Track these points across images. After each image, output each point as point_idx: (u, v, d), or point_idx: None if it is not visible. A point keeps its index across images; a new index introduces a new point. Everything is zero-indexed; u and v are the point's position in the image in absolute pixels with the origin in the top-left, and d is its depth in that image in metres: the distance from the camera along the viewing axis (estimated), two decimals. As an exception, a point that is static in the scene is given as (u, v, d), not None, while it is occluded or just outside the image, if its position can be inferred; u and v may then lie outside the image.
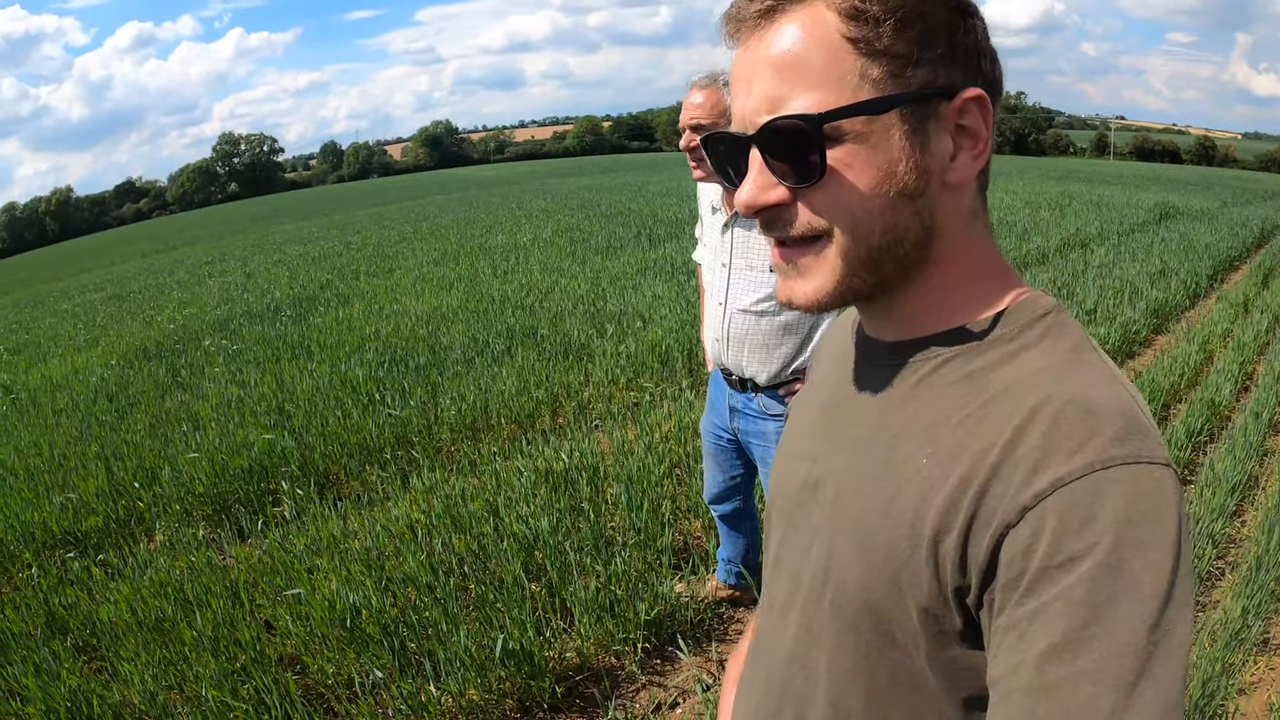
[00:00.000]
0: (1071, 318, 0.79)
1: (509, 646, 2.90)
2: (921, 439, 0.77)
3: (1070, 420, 0.67)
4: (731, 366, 2.69)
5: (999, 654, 0.66)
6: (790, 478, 0.95)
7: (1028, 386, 0.71)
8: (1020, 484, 0.66)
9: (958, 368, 0.78)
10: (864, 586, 0.78)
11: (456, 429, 5.44)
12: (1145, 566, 0.61)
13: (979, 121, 0.75)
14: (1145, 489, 0.64)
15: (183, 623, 3.20)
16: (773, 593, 0.96)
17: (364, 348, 7.83)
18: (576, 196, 27.24)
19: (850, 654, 0.82)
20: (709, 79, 2.51)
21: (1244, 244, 13.54)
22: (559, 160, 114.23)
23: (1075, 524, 0.63)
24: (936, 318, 0.81)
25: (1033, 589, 0.63)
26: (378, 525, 3.91)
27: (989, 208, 0.84)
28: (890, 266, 0.78)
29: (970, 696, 0.76)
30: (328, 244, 20.62)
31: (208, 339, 9.51)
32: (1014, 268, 0.84)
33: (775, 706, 0.92)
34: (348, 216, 32.31)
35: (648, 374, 6.31)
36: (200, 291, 14.86)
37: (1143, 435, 0.67)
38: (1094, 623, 0.60)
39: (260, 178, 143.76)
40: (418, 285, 11.53)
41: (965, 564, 0.70)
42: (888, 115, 0.72)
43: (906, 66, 0.72)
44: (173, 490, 4.71)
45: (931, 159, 0.75)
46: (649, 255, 12.17)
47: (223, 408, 6.33)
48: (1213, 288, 10.07)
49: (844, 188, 0.74)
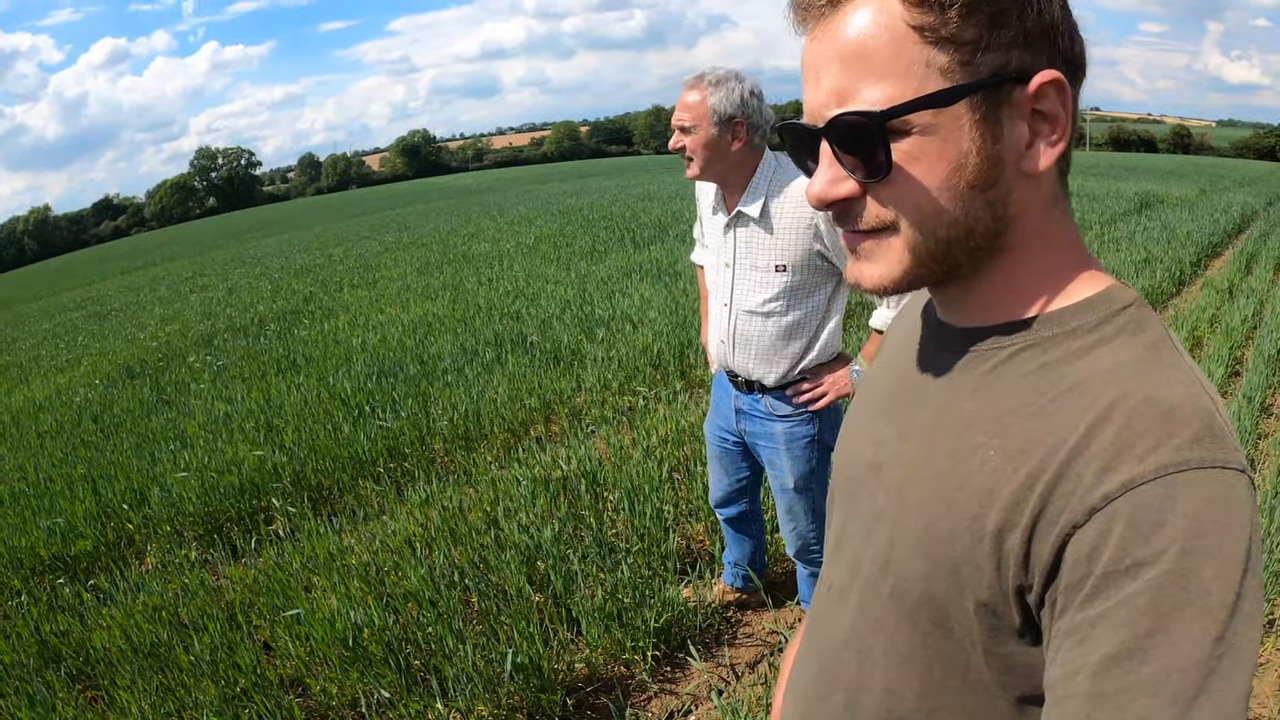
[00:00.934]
0: (1152, 312, 0.76)
1: (517, 660, 2.85)
2: (990, 430, 0.74)
3: (1145, 420, 0.64)
4: (738, 368, 2.65)
5: (1058, 657, 0.64)
6: (854, 460, 0.93)
7: (1103, 382, 0.69)
8: (1090, 484, 0.64)
9: (1032, 358, 0.75)
10: (923, 576, 0.77)
11: (449, 439, 5.39)
12: (1214, 577, 0.59)
13: (1057, 106, 0.71)
14: (1218, 495, 0.61)
15: (179, 647, 3.13)
16: (831, 575, 0.95)
17: (351, 359, 7.76)
18: (557, 202, 27.24)
19: (906, 642, 0.81)
20: (695, 79, 2.48)
21: (1225, 230, 13.68)
22: (538, 166, 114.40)
23: (1144, 528, 0.61)
24: (1012, 306, 0.78)
25: (1096, 593, 0.62)
26: (376, 540, 3.84)
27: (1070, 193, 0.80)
28: (961, 256, 0.76)
29: (1025, 695, 0.74)
30: (309, 256, 20.58)
31: (192, 355, 9.44)
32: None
33: (826, 688, 0.91)
34: (328, 228, 32.26)
35: (640, 378, 6.27)
36: (182, 308, 14.79)
37: (1220, 439, 0.64)
38: (1157, 633, 0.58)
39: (239, 191, 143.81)
40: (402, 295, 11.47)
41: (1028, 562, 0.68)
42: (956, 106, 0.70)
43: (976, 53, 0.69)
44: (162, 511, 4.62)
45: (1005, 147, 0.72)
46: (634, 258, 12.13)
47: (210, 425, 6.25)
48: (1197, 274, 10.14)
49: (911, 182, 0.72)
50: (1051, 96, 0.70)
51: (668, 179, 35.94)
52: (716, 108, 2.40)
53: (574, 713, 2.90)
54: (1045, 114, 0.71)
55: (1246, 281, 9.58)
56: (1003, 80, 0.69)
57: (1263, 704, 2.83)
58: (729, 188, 2.53)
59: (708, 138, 2.44)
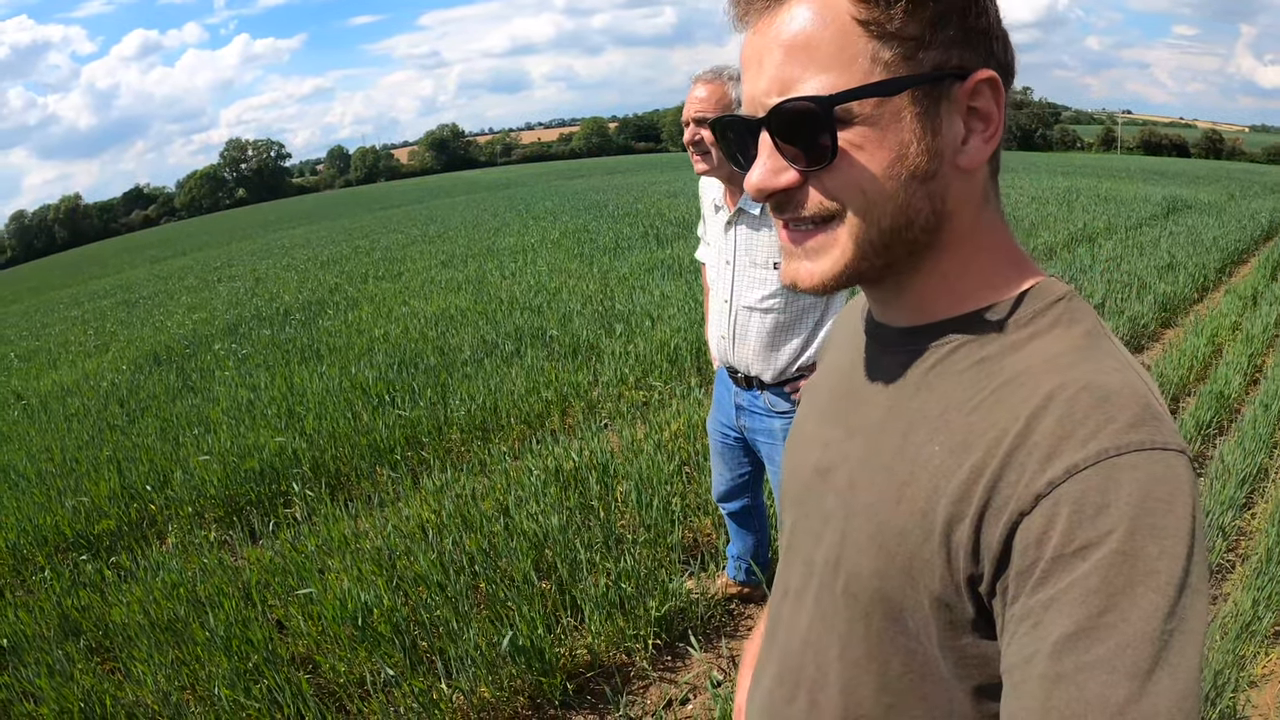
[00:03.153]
0: (1086, 304, 0.79)
1: (519, 643, 2.91)
2: (934, 426, 0.76)
3: (1084, 407, 0.66)
4: (737, 364, 2.69)
5: (1013, 643, 0.65)
6: (802, 464, 0.95)
7: (1041, 373, 0.71)
8: (1034, 471, 0.65)
9: (969, 354, 0.77)
10: (876, 574, 0.78)
11: (466, 429, 5.46)
12: (1160, 554, 0.61)
13: (990, 104, 0.74)
14: (1159, 475, 0.63)
15: (195, 623, 3.22)
16: (786, 578, 0.97)
17: (373, 350, 7.85)
18: (583, 197, 27.25)
19: (862, 640, 0.82)
20: (713, 73, 2.50)
21: (1251, 237, 13.48)
22: (566, 162, 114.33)
23: (1090, 511, 0.62)
24: (948, 303, 0.81)
25: (1047, 577, 0.63)
26: (389, 525, 3.92)
27: (1001, 194, 0.83)
28: (900, 249, 0.77)
29: (982, 685, 0.75)
30: (335, 248, 20.68)
31: (218, 343, 9.56)
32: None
33: (789, 691, 0.92)
34: (355, 221, 32.37)
35: (656, 373, 6.31)
36: (209, 296, 14.93)
37: (1157, 421, 0.66)
38: (1109, 611, 0.60)
39: (268, 183, 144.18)
40: (426, 288, 11.55)
41: (978, 552, 0.69)
42: (899, 97, 0.72)
43: (919, 48, 0.71)
44: (184, 493, 4.74)
45: (943, 141, 0.74)
46: (656, 255, 12.14)
47: (233, 411, 6.36)
48: (1221, 281, 10.02)
49: (855, 169, 0.74)
50: (986, 95, 0.74)
51: (692, 176, 35.50)
52: (738, 99, 2.41)
53: (574, 697, 2.96)
54: (980, 111, 0.74)
55: (1271, 289, 9.45)
56: (943, 76, 0.72)
57: (1264, 715, 2.85)
58: (735, 184, 2.55)
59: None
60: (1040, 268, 0.83)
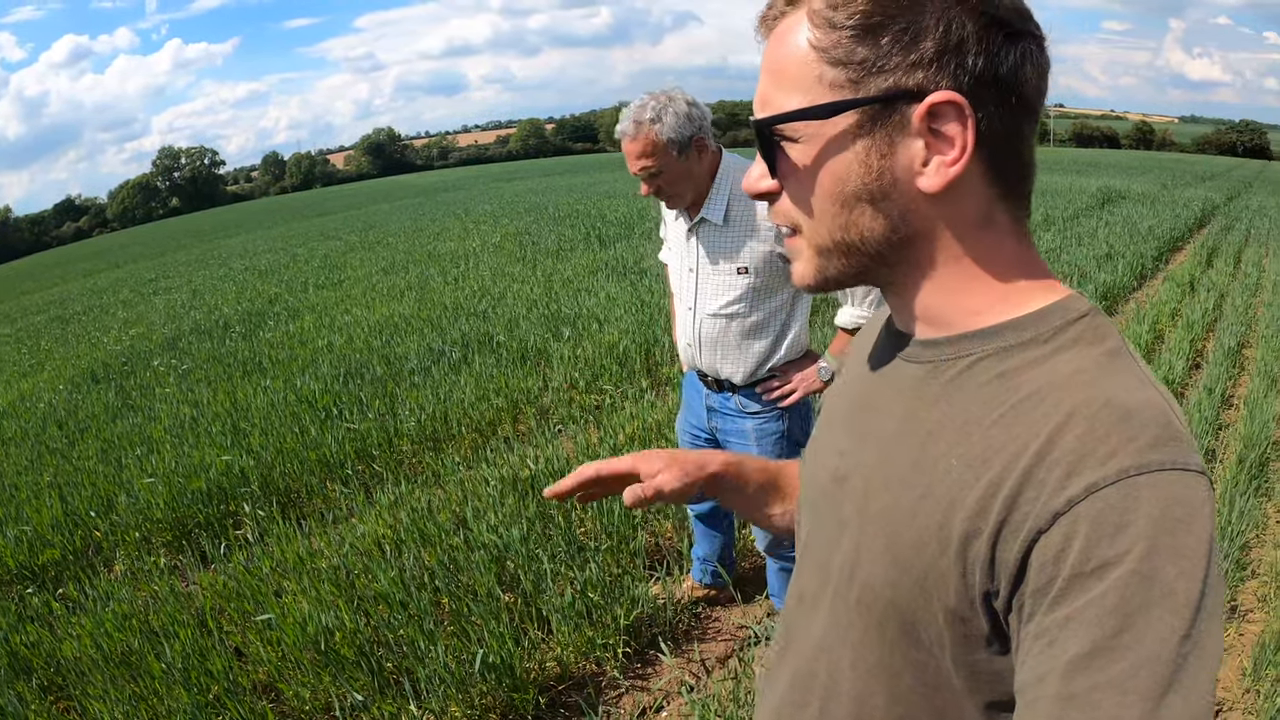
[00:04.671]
0: (1108, 321, 0.78)
1: (488, 659, 2.86)
2: (952, 439, 0.75)
3: (1105, 425, 0.65)
4: (706, 369, 2.68)
5: (1027, 661, 0.65)
6: (820, 470, 0.95)
7: (1062, 389, 0.70)
8: (1053, 489, 0.65)
9: (989, 368, 0.76)
10: (890, 585, 0.78)
11: (417, 440, 5.38)
12: (1178, 575, 0.60)
13: (954, 127, 0.71)
14: (1179, 496, 0.62)
15: (150, 655, 3.11)
16: (801, 584, 0.97)
17: (318, 361, 7.71)
18: (523, 200, 27.17)
19: (875, 651, 0.82)
20: (633, 125, 2.41)
21: (1186, 225, 13.89)
22: (503, 164, 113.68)
23: (1108, 530, 0.61)
24: (962, 317, 0.80)
25: (1063, 596, 0.63)
26: (345, 543, 3.84)
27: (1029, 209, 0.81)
28: (866, 261, 0.80)
29: (994, 701, 0.75)
30: (274, 257, 20.35)
31: (156, 359, 9.32)
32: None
33: (801, 698, 0.92)
34: (292, 228, 31.90)
35: (607, 376, 6.29)
36: (146, 310, 14.60)
37: (1177, 442, 0.65)
38: (1125, 631, 0.59)
39: (202, 191, 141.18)
40: (368, 295, 11.40)
41: (994, 568, 0.69)
42: (843, 119, 0.74)
43: (865, 72, 0.72)
44: (130, 517, 4.58)
45: (896, 164, 0.74)
46: (600, 256, 12.14)
47: (176, 429, 6.20)
48: (1159, 269, 10.29)
49: (802, 186, 0.79)
50: (949, 117, 0.71)
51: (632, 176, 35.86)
52: (671, 138, 2.37)
53: (546, 711, 2.93)
54: (944, 134, 0.72)
55: (1208, 275, 9.72)
56: (896, 98, 0.72)
57: (1227, 688, 2.90)
58: (698, 202, 2.53)
59: (678, 170, 2.42)
60: (1062, 283, 0.82)
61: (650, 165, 2.40)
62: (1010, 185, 0.77)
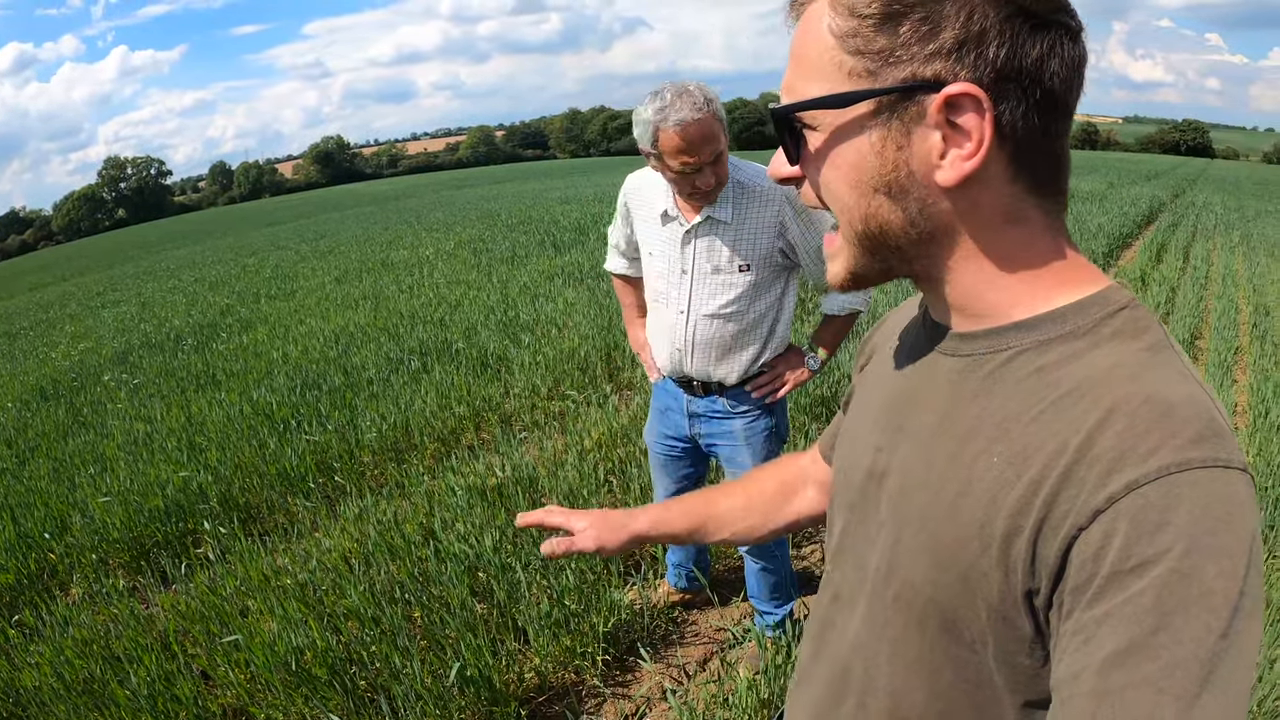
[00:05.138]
0: (1149, 312, 0.76)
1: (466, 673, 2.79)
2: (991, 435, 0.74)
3: (1146, 421, 0.65)
4: (696, 374, 2.62)
5: (1064, 657, 0.65)
6: (855, 467, 0.93)
7: (1102, 384, 0.69)
8: (1094, 486, 0.64)
9: (1028, 362, 0.75)
10: (931, 583, 0.78)
11: (379, 451, 5.29)
12: (1218, 574, 0.60)
13: (972, 119, 0.69)
14: (1220, 494, 0.62)
15: (114, 682, 2.99)
16: (836, 581, 0.96)
17: (273, 373, 7.57)
18: (475, 207, 27.07)
19: (915, 648, 0.82)
20: (690, 105, 2.21)
21: (1134, 222, 14.20)
22: (454, 171, 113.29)
23: (1148, 528, 0.61)
24: (998, 310, 0.78)
25: (1102, 593, 0.62)
26: (311, 559, 3.74)
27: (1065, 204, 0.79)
28: (891, 256, 0.79)
29: (1032, 700, 0.75)
30: (224, 268, 20.02)
31: (107, 374, 9.08)
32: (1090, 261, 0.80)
33: (838, 694, 0.93)
34: (242, 238, 31.47)
35: (569, 381, 6.24)
36: (94, 324, 14.26)
37: (1220, 438, 0.64)
38: (1162, 630, 0.59)
39: (149, 202, 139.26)
40: (322, 305, 11.25)
41: (1035, 566, 0.68)
42: (860, 108, 0.72)
43: (884, 62, 0.70)
44: (86, 538, 4.43)
45: (912, 155, 0.73)
46: (556, 262, 12.09)
47: (130, 446, 6.03)
48: (1109, 265, 10.48)
49: (823, 174, 0.78)
50: (966, 109, 0.69)
51: (584, 182, 35.92)
52: (723, 116, 2.25)
53: (527, 723, 2.87)
54: (961, 127, 0.70)
55: (1158, 270, 9.92)
56: (914, 89, 0.70)
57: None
58: (702, 198, 2.41)
59: (725, 155, 2.32)
60: (1104, 275, 0.80)
61: (719, 147, 2.27)
62: (1040, 180, 0.75)
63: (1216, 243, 13.51)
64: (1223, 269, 10.82)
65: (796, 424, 4.68)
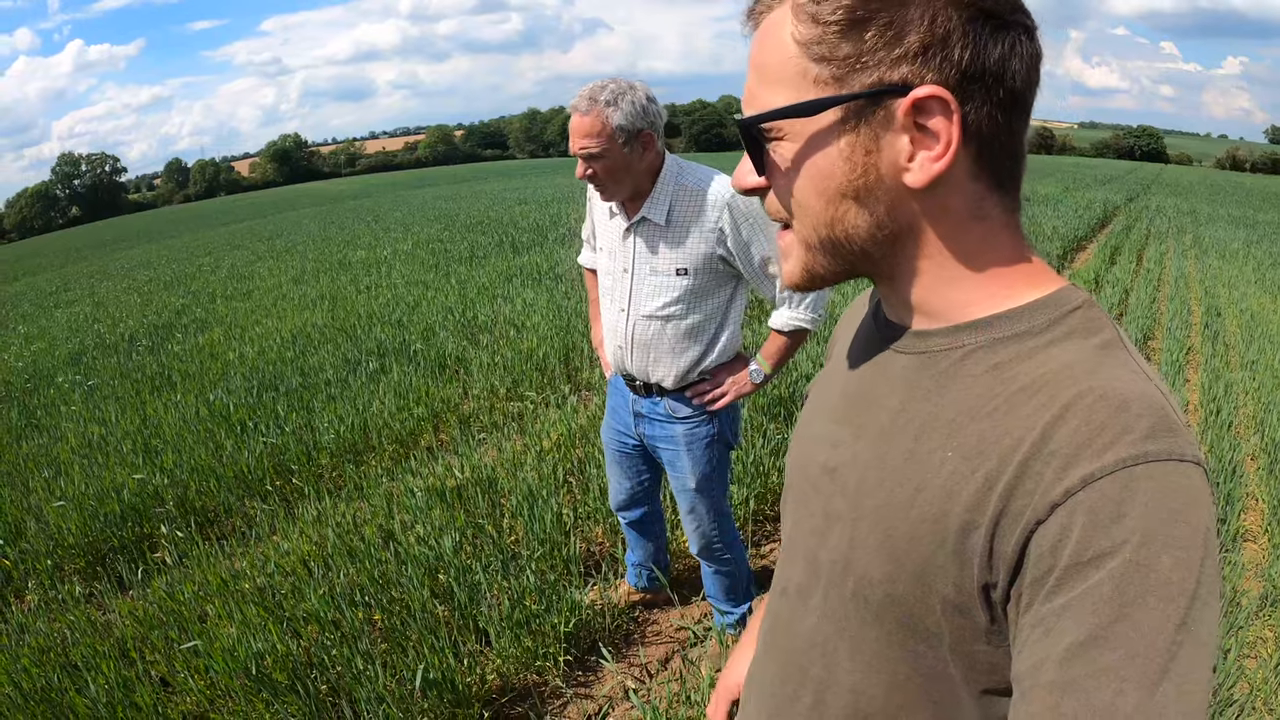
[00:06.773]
0: (1103, 312, 0.78)
1: (429, 676, 2.79)
2: (946, 431, 0.75)
3: (1101, 415, 0.66)
4: (636, 372, 2.64)
5: (1024, 650, 0.65)
6: (809, 462, 0.94)
7: (1058, 381, 0.70)
8: (1050, 480, 0.65)
9: (983, 359, 0.76)
10: (888, 579, 0.78)
11: (337, 453, 5.25)
12: (1174, 565, 0.60)
13: (940, 122, 0.70)
14: (1176, 486, 0.63)
15: (72, 691, 2.95)
16: (787, 576, 0.97)
17: (230, 374, 7.47)
18: (433, 207, 26.90)
19: (873, 643, 0.82)
20: (587, 100, 2.32)
21: (1089, 225, 14.43)
22: (412, 171, 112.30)
23: (1105, 520, 0.62)
24: (955, 309, 0.80)
25: (1060, 585, 0.63)
26: (270, 563, 3.72)
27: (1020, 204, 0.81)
28: (854, 258, 0.80)
29: (989, 688, 0.76)
30: (179, 267, 19.69)
31: (60, 375, 8.90)
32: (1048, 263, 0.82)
33: (793, 690, 0.93)
34: (197, 237, 30.96)
35: (527, 382, 6.24)
36: (47, 324, 13.96)
37: (1174, 432, 0.65)
38: (1121, 620, 0.60)
39: (103, 200, 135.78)
40: (279, 305, 11.12)
41: (992, 560, 0.69)
42: (827, 115, 0.73)
43: (850, 68, 0.71)
44: (41, 544, 4.35)
45: (882, 159, 0.73)
46: (514, 262, 12.06)
47: (84, 450, 5.93)
48: (1064, 267, 10.64)
49: (789, 182, 0.78)
50: (934, 112, 0.70)
51: (544, 183, 35.86)
52: (621, 125, 2.28)
53: (490, 725, 2.87)
54: (930, 129, 0.71)
55: (1111, 272, 10.09)
56: (880, 94, 0.71)
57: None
58: (637, 196, 2.46)
59: (619, 160, 2.33)
60: (1060, 275, 0.82)
61: (592, 146, 2.30)
62: (1000, 178, 0.77)
63: (1169, 246, 13.77)
64: (1175, 271, 11.04)
65: (753, 424, 4.71)
